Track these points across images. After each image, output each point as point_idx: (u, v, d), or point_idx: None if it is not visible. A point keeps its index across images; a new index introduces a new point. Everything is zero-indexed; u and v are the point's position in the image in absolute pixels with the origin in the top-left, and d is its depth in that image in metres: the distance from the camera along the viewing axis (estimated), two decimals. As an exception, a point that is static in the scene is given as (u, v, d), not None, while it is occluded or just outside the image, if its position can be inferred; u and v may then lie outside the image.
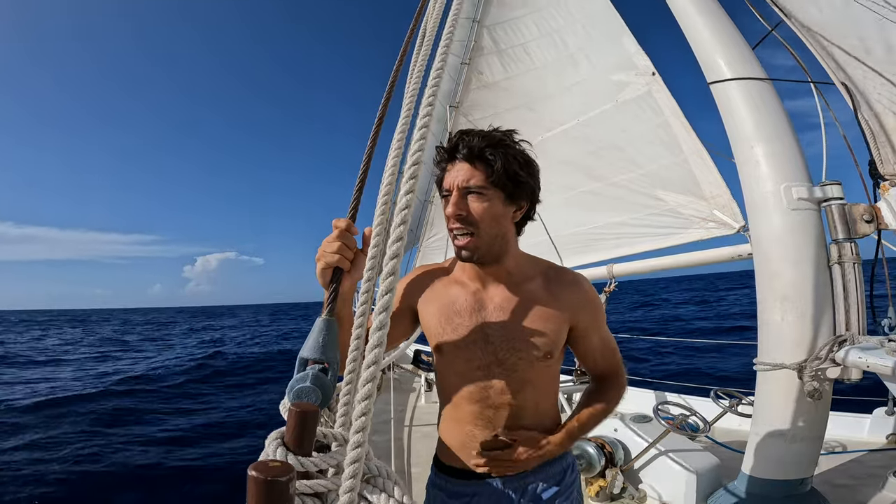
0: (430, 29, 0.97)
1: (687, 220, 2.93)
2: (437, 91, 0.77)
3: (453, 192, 0.97)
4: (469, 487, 1.07)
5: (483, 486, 1.06)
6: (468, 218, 0.97)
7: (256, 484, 0.45)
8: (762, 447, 1.74)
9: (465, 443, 1.06)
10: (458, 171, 0.98)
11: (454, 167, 0.99)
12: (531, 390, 1.05)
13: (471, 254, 0.99)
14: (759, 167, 1.82)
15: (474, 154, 0.96)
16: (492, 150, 0.96)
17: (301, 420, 0.56)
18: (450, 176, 0.99)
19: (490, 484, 1.05)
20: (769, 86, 1.93)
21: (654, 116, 3.19)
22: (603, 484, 2.24)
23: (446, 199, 0.99)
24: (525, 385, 1.04)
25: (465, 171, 0.97)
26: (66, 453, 5.80)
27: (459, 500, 1.08)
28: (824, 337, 1.66)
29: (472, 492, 1.07)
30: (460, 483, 1.08)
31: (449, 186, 0.98)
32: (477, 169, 0.97)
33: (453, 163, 0.99)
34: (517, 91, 4.31)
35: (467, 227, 0.97)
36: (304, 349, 0.69)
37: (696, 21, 2.11)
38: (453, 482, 1.09)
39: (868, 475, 2.33)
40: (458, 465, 1.08)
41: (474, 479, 1.06)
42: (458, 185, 0.97)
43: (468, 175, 0.97)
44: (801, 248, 1.72)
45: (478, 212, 0.97)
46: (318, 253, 0.79)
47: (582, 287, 1.08)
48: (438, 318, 1.06)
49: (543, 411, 1.09)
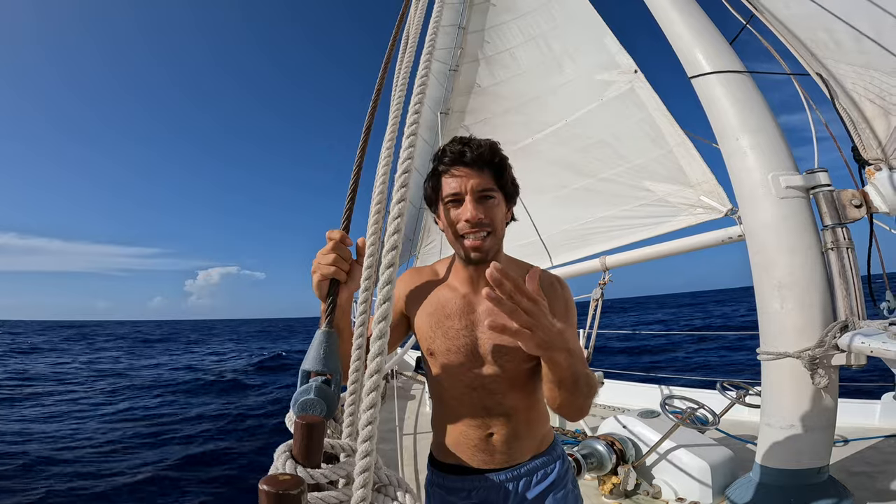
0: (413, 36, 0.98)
1: (675, 208, 2.97)
2: (423, 98, 0.78)
3: (467, 196, 1.01)
4: (466, 482, 1.09)
5: (480, 481, 1.08)
6: (485, 220, 1.01)
7: (269, 498, 0.45)
8: (774, 437, 1.73)
9: (459, 441, 1.09)
10: (469, 175, 1.01)
11: (461, 172, 1.02)
12: (521, 391, 1.07)
13: (484, 255, 1.03)
14: (746, 158, 1.85)
15: (484, 159, 1.01)
16: (498, 157, 1.03)
17: (308, 432, 0.57)
18: (457, 181, 1.02)
19: (487, 478, 1.08)
20: (748, 78, 1.96)
21: (638, 112, 3.24)
22: (616, 481, 2.23)
23: (453, 205, 1.03)
24: (515, 387, 1.06)
25: (477, 176, 1.01)
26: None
27: (458, 496, 1.10)
28: (825, 323, 1.66)
29: (469, 486, 1.09)
30: (458, 479, 1.10)
31: (459, 190, 1.01)
32: (485, 173, 1.02)
33: (459, 168, 1.02)
34: (506, 95, 4.36)
35: (484, 229, 1.01)
36: (306, 361, 0.69)
37: (673, 18, 2.15)
38: (451, 478, 1.11)
39: (885, 461, 2.32)
40: (454, 462, 1.10)
41: (471, 474, 1.09)
42: (472, 189, 1.01)
43: (480, 179, 1.01)
44: (795, 235, 1.73)
45: (491, 214, 1.02)
46: (314, 265, 0.80)
47: (557, 288, 1.12)
48: (429, 322, 1.08)
49: (535, 413, 1.12)
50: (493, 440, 1.07)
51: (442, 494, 1.13)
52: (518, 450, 1.09)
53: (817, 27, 1.85)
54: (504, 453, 1.08)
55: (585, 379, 0.89)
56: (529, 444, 1.11)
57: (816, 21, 1.84)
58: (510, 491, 1.08)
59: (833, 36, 1.82)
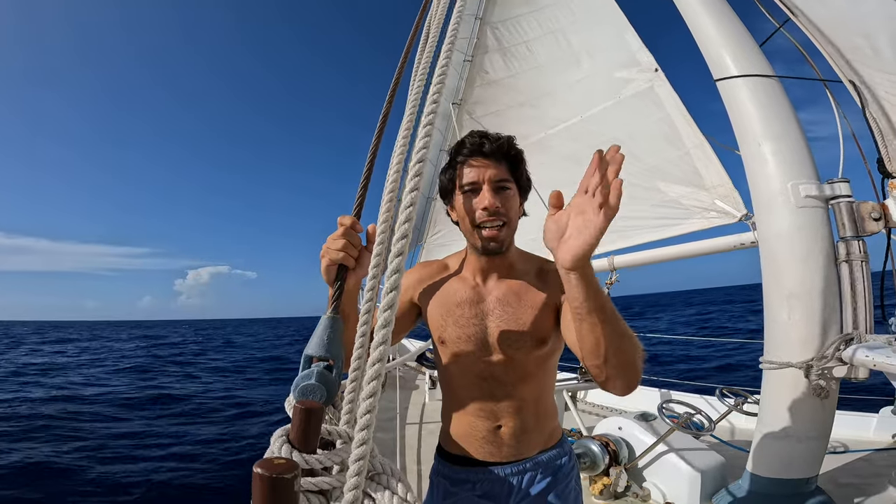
0: (435, 26, 0.97)
1: (688, 211, 2.92)
2: (441, 88, 0.76)
3: (484, 186, 1.01)
4: (472, 474, 1.10)
5: (485, 473, 1.09)
6: (501, 210, 1.01)
7: (261, 481, 0.45)
8: (767, 446, 1.73)
9: (467, 433, 1.10)
10: (487, 166, 1.02)
11: (479, 163, 1.02)
12: (530, 382, 1.07)
13: (499, 245, 1.03)
14: (767, 165, 1.81)
15: (502, 151, 1.03)
16: (514, 150, 1.04)
17: (306, 417, 0.56)
18: (475, 171, 1.02)
19: (492, 471, 1.09)
20: (776, 83, 1.91)
21: (657, 111, 3.18)
22: (607, 482, 2.24)
23: (471, 194, 1.03)
24: (524, 377, 1.06)
25: (494, 167, 1.02)
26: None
27: (462, 487, 1.11)
28: (831, 336, 1.65)
29: (474, 478, 1.10)
30: (463, 470, 1.11)
31: (477, 179, 1.02)
32: (502, 165, 1.03)
33: (477, 159, 1.02)
34: (520, 88, 4.30)
35: (501, 219, 1.02)
36: (309, 346, 0.69)
37: (703, 18, 2.09)
38: (456, 470, 1.12)
39: (874, 474, 2.32)
40: (460, 453, 1.11)
41: (477, 466, 1.10)
42: (490, 179, 1.01)
43: (497, 170, 1.02)
44: (809, 246, 1.70)
45: (507, 204, 1.03)
46: (323, 250, 0.79)
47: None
48: (440, 311, 1.09)
49: (543, 406, 1.12)
50: (502, 433, 1.08)
51: (446, 485, 1.14)
52: (526, 443, 1.09)
53: (856, 33, 1.79)
54: (511, 447, 1.08)
55: (626, 327, 0.79)
56: (537, 438, 1.11)
57: (856, 26, 1.79)
58: (514, 485, 1.09)
59: (871, 42, 1.76)
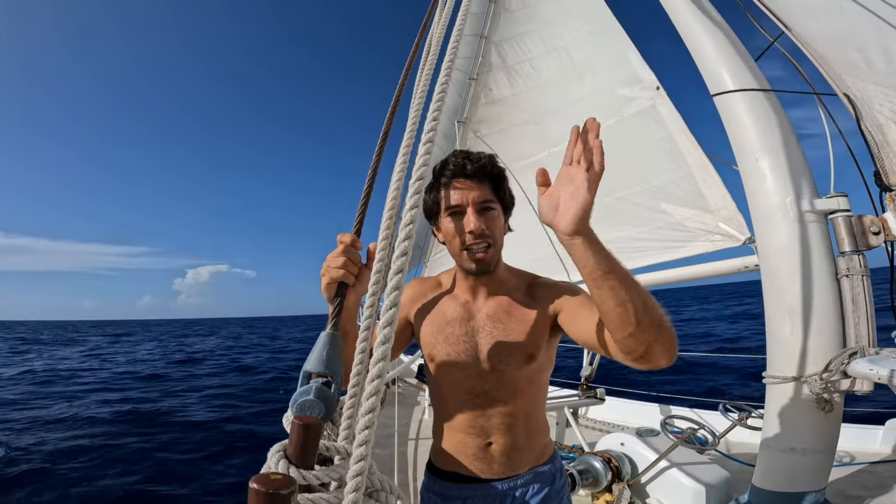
0: (435, 44, 0.99)
1: (692, 233, 2.90)
2: (441, 106, 0.78)
3: (469, 208, 1.01)
4: (463, 491, 1.09)
5: (476, 490, 1.08)
6: (486, 232, 1.01)
7: (258, 496, 0.45)
8: (773, 460, 1.71)
9: (458, 449, 1.10)
10: (470, 188, 1.01)
11: (462, 185, 1.02)
12: (521, 398, 1.07)
13: (487, 265, 1.04)
14: (765, 180, 1.82)
15: (485, 172, 1.02)
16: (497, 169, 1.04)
17: (304, 433, 0.57)
18: (459, 193, 1.02)
19: (483, 487, 1.08)
20: (773, 97, 1.93)
21: (659, 130, 3.19)
22: (609, 499, 2.21)
23: (455, 217, 1.03)
24: (515, 393, 1.06)
25: (478, 188, 1.02)
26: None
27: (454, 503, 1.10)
28: (834, 350, 1.64)
29: (465, 495, 1.09)
30: (455, 487, 1.10)
31: (461, 202, 1.01)
32: (485, 186, 1.03)
33: (460, 180, 1.02)
34: (524, 106, 4.33)
35: (486, 240, 1.02)
36: (308, 363, 0.69)
37: (699, 34, 2.12)
38: (448, 486, 1.11)
39: (880, 486, 2.30)
40: (451, 469, 1.11)
41: (468, 482, 1.09)
42: (474, 201, 1.01)
43: (481, 191, 1.02)
44: (809, 260, 1.70)
45: (492, 225, 1.03)
46: (323, 268, 0.80)
47: (560, 284, 1.11)
48: (431, 329, 1.10)
49: (534, 423, 1.12)
50: (492, 450, 1.07)
51: (437, 501, 1.13)
52: (517, 460, 1.09)
53: (850, 47, 1.80)
54: (502, 464, 1.08)
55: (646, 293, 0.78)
56: (528, 455, 1.11)
57: (850, 40, 1.80)
58: (506, 501, 1.08)
59: (865, 55, 1.78)
